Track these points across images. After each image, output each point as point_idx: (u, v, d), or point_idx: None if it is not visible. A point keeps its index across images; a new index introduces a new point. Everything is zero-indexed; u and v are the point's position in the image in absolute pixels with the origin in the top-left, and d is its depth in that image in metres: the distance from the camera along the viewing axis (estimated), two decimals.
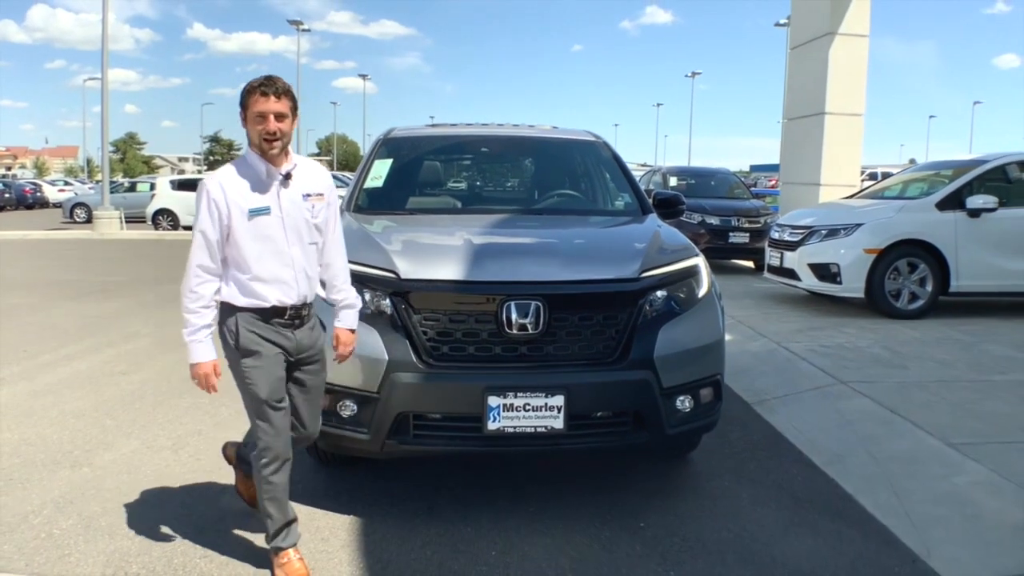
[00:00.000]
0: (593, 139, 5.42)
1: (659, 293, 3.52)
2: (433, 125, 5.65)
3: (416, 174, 5.14)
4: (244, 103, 2.82)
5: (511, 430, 3.20)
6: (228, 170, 2.89)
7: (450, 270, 3.36)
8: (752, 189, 23.37)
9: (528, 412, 3.18)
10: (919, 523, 3.53)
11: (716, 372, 3.66)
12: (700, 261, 3.81)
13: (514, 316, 3.24)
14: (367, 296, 3.40)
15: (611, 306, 3.39)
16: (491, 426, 3.18)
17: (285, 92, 2.81)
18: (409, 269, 3.37)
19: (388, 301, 3.35)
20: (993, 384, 5.56)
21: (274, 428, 2.92)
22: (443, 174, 5.42)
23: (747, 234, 12.36)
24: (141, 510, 3.61)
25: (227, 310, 2.91)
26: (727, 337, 7.20)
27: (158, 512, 3.58)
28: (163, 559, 3.14)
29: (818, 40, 12.69)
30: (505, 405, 3.18)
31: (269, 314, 2.89)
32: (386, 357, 3.24)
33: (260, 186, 2.85)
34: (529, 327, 3.24)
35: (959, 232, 8.13)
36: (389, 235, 3.91)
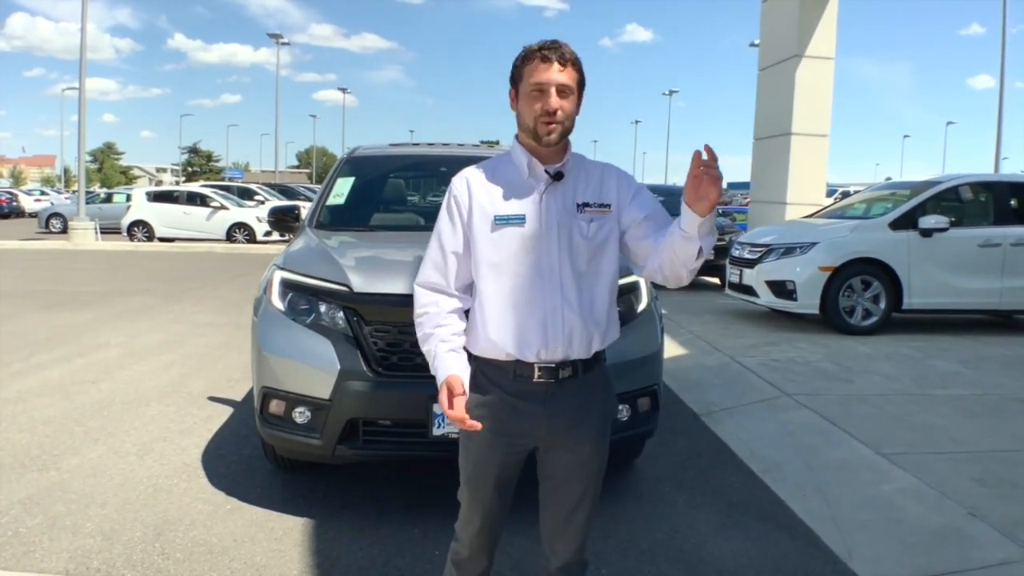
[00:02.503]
0: None
1: None
2: (396, 144, 5.86)
3: (376, 192, 5.35)
4: (517, 74, 2.14)
5: (455, 435, 3.37)
6: (485, 164, 2.24)
7: (400, 284, 3.54)
8: (728, 207, 23.70)
9: None
10: (844, 527, 3.75)
11: (653, 383, 3.86)
12: (640, 278, 4.03)
13: None
14: (322, 308, 3.61)
15: None
16: (436, 432, 3.38)
17: (572, 61, 2.12)
18: (361, 283, 3.56)
19: (341, 313, 3.55)
20: (932, 398, 5.81)
21: (467, 517, 2.34)
22: (402, 192, 5.64)
23: (714, 252, 12.61)
24: (104, 511, 3.76)
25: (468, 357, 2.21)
26: (683, 351, 7.49)
27: (121, 513, 3.74)
28: (123, 556, 3.30)
29: (785, 62, 13.02)
30: None
31: (509, 374, 2.13)
32: (338, 366, 3.44)
33: (518, 187, 2.15)
34: None
35: (912, 251, 8.43)
36: (345, 250, 4.11)
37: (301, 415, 3.53)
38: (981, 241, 8.56)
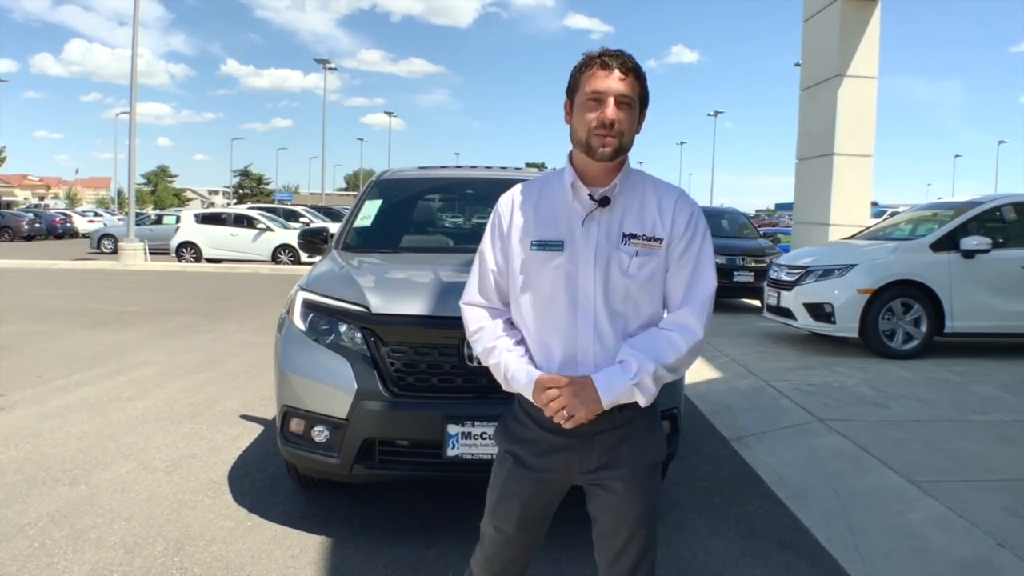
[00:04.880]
0: None
1: None
2: (425, 167, 5.91)
3: (402, 214, 5.41)
4: (574, 83, 1.98)
5: (469, 457, 3.40)
6: (534, 182, 2.09)
7: (417, 306, 3.58)
8: (775, 228, 23.45)
9: (485, 440, 3.38)
10: (868, 556, 3.67)
11: (673, 406, 3.81)
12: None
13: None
14: (342, 328, 3.65)
15: None
16: (450, 453, 3.39)
17: (634, 71, 1.95)
18: (379, 304, 3.60)
19: (359, 333, 3.59)
20: (970, 424, 5.66)
21: (486, 551, 2.18)
22: (428, 215, 5.69)
23: (752, 273, 12.52)
24: (129, 525, 3.83)
25: None
26: (717, 375, 7.42)
27: (144, 528, 3.81)
28: (142, 570, 3.36)
29: (827, 82, 12.90)
30: (463, 433, 3.38)
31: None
32: (355, 386, 3.47)
33: (563, 210, 1.99)
34: None
35: (953, 273, 8.25)
36: (366, 272, 4.17)
37: (320, 434, 3.57)
38: None
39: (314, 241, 5.07)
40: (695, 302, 1.97)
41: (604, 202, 1.96)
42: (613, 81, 1.91)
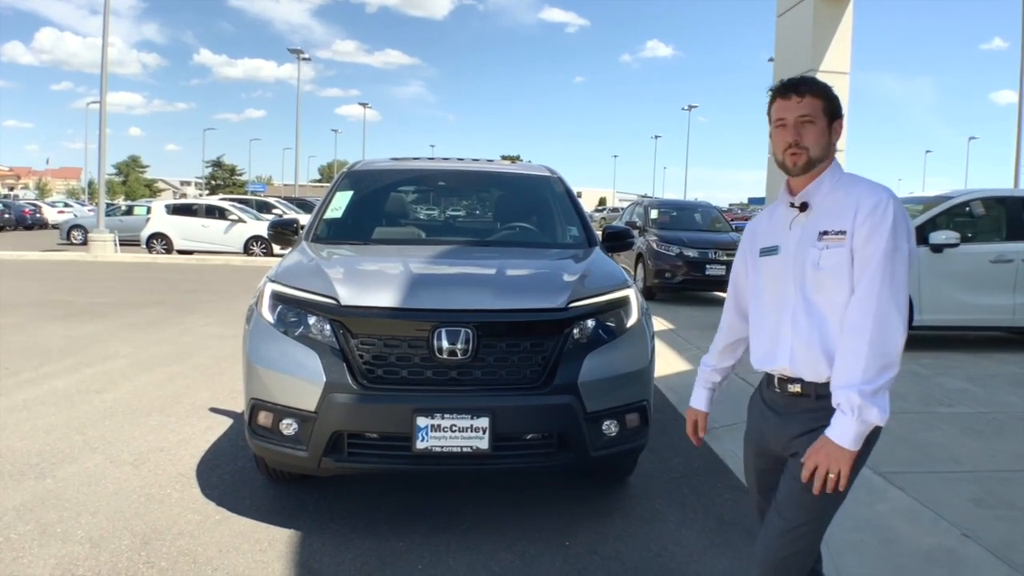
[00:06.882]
0: (548, 174, 5.64)
1: (587, 322, 3.72)
2: (397, 159, 5.87)
3: (373, 206, 5.37)
4: (768, 116, 2.26)
5: (438, 449, 3.40)
6: (777, 203, 2.33)
7: (387, 297, 3.57)
8: (747, 222, 23.61)
9: (454, 433, 3.38)
10: (835, 548, 3.70)
11: (642, 398, 3.84)
12: (631, 292, 4.02)
13: (445, 342, 3.45)
14: (310, 320, 3.63)
15: (538, 334, 3.59)
16: (419, 445, 3.38)
17: (810, 90, 2.17)
18: (348, 296, 3.58)
19: (328, 326, 3.56)
20: (937, 416, 5.74)
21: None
22: (400, 206, 5.65)
23: (724, 266, 12.57)
24: (95, 519, 3.79)
25: None
26: (688, 367, 7.45)
27: (111, 522, 3.77)
28: (109, 563, 3.33)
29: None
30: (433, 426, 3.38)
31: (764, 381, 2.36)
32: (324, 379, 3.45)
33: (781, 218, 2.27)
34: (459, 352, 3.45)
35: (922, 267, 8.33)
36: (336, 263, 4.14)
37: (288, 427, 3.55)
38: (993, 257, 8.46)
39: (284, 232, 5.02)
40: (858, 293, 2.06)
41: (804, 207, 2.20)
42: (791, 105, 2.17)
